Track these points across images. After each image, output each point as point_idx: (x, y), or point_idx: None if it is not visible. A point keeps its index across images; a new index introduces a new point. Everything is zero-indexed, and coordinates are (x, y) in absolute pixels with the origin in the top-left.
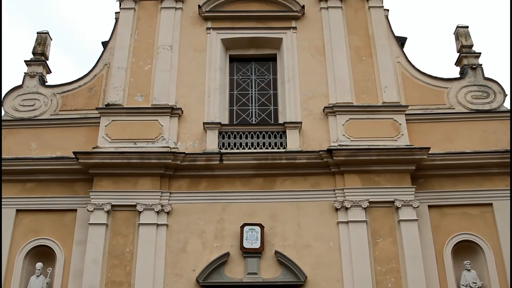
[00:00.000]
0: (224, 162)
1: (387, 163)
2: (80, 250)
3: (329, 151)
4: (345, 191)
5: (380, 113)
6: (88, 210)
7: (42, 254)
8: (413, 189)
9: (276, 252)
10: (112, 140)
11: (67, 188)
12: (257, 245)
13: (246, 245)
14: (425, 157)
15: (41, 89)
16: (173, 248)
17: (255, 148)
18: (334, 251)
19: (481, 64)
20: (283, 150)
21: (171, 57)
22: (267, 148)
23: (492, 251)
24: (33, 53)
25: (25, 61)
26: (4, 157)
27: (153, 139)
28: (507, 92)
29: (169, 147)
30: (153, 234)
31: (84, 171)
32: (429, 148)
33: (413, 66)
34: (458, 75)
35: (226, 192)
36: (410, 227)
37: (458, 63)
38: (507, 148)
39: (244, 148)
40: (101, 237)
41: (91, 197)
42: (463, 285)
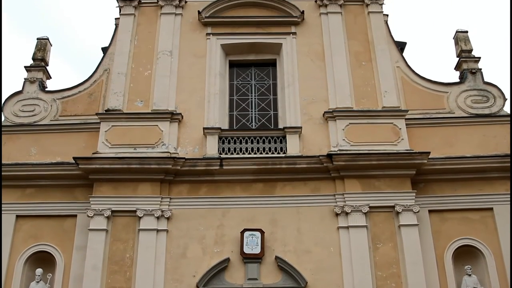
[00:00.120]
0: (224, 167)
1: (387, 168)
2: (80, 255)
3: (329, 156)
4: (345, 196)
5: (380, 117)
6: (88, 216)
7: (42, 260)
8: (414, 194)
9: (277, 258)
10: (112, 145)
11: (67, 193)
12: (257, 250)
13: (247, 250)
14: (425, 161)
15: (41, 95)
16: (173, 254)
17: (255, 153)
18: (334, 256)
19: (481, 69)
20: (283, 155)
21: (171, 63)
22: (267, 153)
23: (493, 256)
24: (33, 58)
25: (25, 66)
26: (4, 162)
27: (153, 144)
28: (507, 96)
29: (169, 152)
30: (153, 240)
31: (84, 176)
32: (429, 152)
33: (413, 71)
34: (458, 80)
35: (226, 197)
36: (411, 232)
37: (457, 67)
38: (507, 152)
39: (244, 153)
40: (101, 242)
41: (91, 202)
42: None
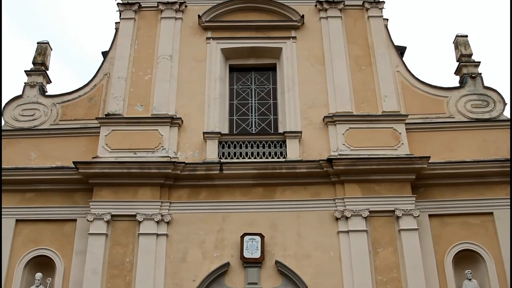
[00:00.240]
0: (224, 171)
1: (387, 172)
2: (79, 260)
3: (329, 161)
4: (345, 200)
5: (380, 122)
6: (88, 220)
7: (42, 264)
8: (414, 198)
9: (277, 262)
10: (112, 150)
11: (67, 198)
12: (257, 254)
13: (247, 255)
14: (425, 166)
15: (41, 99)
16: (173, 258)
17: (255, 158)
18: (334, 260)
19: (481, 73)
20: (283, 160)
21: (171, 67)
22: (267, 158)
23: (493, 260)
24: (33, 63)
25: (25, 71)
26: (4, 167)
27: (153, 148)
28: (507, 101)
29: (169, 156)
30: (153, 244)
31: (84, 181)
32: (429, 157)
33: (413, 75)
34: (458, 84)
35: (226, 202)
36: (411, 236)
37: (457, 72)
38: (507, 157)
39: (244, 158)
40: (101, 247)
41: (91, 207)
42: None
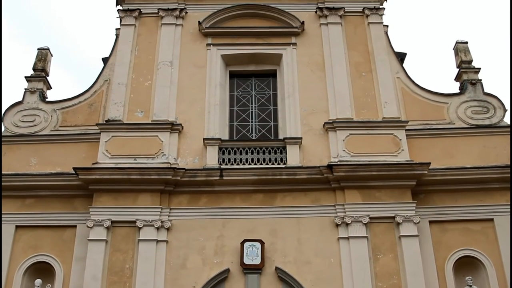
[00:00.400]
0: (224, 178)
1: (388, 179)
2: (79, 266)
3: (330, 167)
4: (345, 206)
5: (380, 128)
6: (87, 226)
7: (41, 271)
8: (414, 205)
9: (277, 268)
10: (112, 156)
11: (66, 204)
12: (257, 261)
13: (247, 261)
14: (426, 172)
15: (41, 105)
16: (173, 265)
17: (255, 164)
18: (334, 267)
19: (481, 79)
20: (283, 166)
21: (171, 73)
22: (267, 164)
23: (494, 267)
24: (34, 69)
25: (25, 77)
26: (4, 173)
27: (153, 155)
28: (507, 107)
29: (169, 163)
30: (153, 250)
31: (84, 187)
32: (429, 163)
33: (413, 82)
34: (458, 91)
35: (226, 208)
36: (411, 242)
37: (457, 78)
38: (507, 163)
39: (244, 164)
40: (101, 253)
41: (90, 213)
42: None
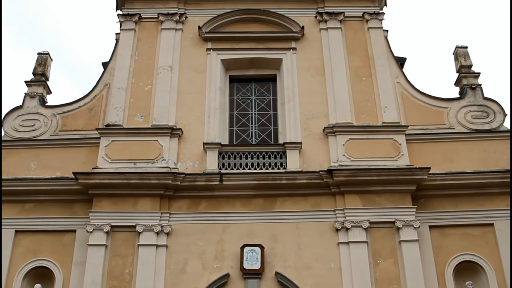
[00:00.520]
0: (224, 182)
1: (388, 183)
2: (79, 271)
3: (330, 172)
4: (345, 211)
5: (380, 133)
6: (87, 231)
7: (41, 275)
8: (414, 209)
9: (277, 273)
10: (112, 160)
11: (66, 208)
12: (257, 266)
13: (246, 266)
14: (426, 177)
15: (41, 110)
16: (172, 269)
17: (255, 169)
18: (334, 272)
19: (481, 84)
20: (283, 171)
21: (171, 78)
22: (267, 169)
23: (494, 272)
24: (34, 73)
25: (25, 81)
26: (3, 177)
27: (153, 159)
28: (507, 112)
29: (169, 167)
30: (153, 255)
31: (84, 191)
32: (429, 168)
33: (413, 86)
34: (458, 95)
35: (226, 213)
36: (411, 247)
37: (457, 83)
38: (507, 168)
39: (244, 169)
40: (100, 258)
41: (90, 217)
42: None
